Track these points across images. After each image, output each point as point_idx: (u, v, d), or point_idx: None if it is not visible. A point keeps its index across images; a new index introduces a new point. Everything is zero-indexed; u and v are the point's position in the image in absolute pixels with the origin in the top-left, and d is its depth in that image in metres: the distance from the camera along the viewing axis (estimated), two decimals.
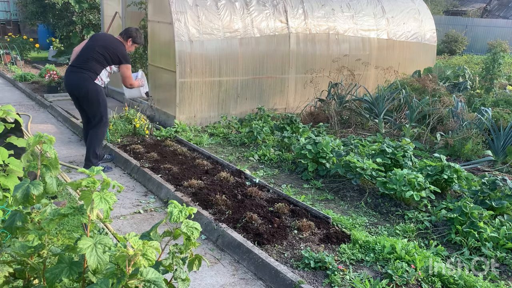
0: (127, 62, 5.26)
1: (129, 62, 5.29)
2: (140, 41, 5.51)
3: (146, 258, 1.72)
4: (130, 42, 5.40)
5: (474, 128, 6.45)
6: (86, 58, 5.17)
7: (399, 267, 3.30)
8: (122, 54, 5.21)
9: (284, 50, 7.98)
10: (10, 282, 1.99)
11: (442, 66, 10.35)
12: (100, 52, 5.14)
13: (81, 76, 5.13)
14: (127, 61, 5.26)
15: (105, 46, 5.16)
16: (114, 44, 5.23)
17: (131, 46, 5.46)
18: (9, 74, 11.64)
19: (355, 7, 9.09)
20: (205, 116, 7.41)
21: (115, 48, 5.20)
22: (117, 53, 5.18)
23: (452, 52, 18.63)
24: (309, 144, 5.32)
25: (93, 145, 5.35)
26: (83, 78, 5.12)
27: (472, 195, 4.51)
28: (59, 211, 1.86)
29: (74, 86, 5.21)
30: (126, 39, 5.38)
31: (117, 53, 5.18)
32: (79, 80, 5.15)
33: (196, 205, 4.38)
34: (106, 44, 5.19)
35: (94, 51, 5.15)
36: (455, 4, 28.35)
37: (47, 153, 2.07)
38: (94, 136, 5.35)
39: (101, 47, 5.16)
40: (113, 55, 5.18)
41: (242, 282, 3.38)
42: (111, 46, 5.19)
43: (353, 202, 4.71)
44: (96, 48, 5.16)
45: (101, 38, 5.35)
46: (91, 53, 5.15)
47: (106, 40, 5.27)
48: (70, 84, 5.26)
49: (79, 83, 5.15)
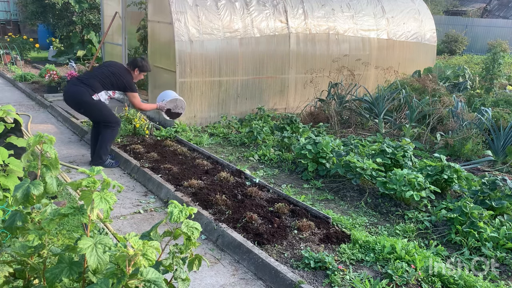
0: (132, 90, 5.61)
1: (134, 90, 5.66)
2: (147, 68, 5.85)
3: (146, 258, 1.72)
4: (137, 72, 5.74)
5: (474, 128, 6.45)
6: (92, 76, 5.54)
7: (399, 267, 3.30)
8: (128, 83, 5.58)
9: (284, 50, 7.98)
10: (10, 282, 1.99)
11: (442, 66, 10.35)
12: (109, 77, 5.50)
13: (78, 89, 5.42)
14: (132, 89, 5.61)
15: (114, 73, 5.54)
16: (123, 73, 5.62)
17: (139, 75, 5.80)
18: (9, 74, 11.64)
19: (355, 7, 9.09)
20: (205, 116, 7.41)
21: (123, 76, 5.56)
22: (123, 82, 5.55)
23: (452, 52, 18.63)
24: (309, 144, 5.32)
25: (105, 142, 5.56)
26: (80, 91, 5.40)
27: (472, 195, 4.51)
28: (59, 211, 1.86)
29: (70, 98, 5.53)
30: (133, 69, 5.73)
31: (123, 81, 5.55)
32: (74, 93, 5.45)
33: (196, 205, 4.38)
34: (116, 71, 5.57)
35: (103, 74, 5.51)
36: (455, 4, 28.35)
37: (47, 153, 2.07)
38: (106, 135, 5.56)
39: (111, 73, 5.53)
40: (119, 82, 5.54)
41: (242, 282, 3.38)
42: (119, 73, 5.56)
43: (353, 202, 4.71)
44: (105, 72, 5.53)
45: (113, 65, 5.74)
46: (99, 75, 5.50)
47: (116, 68, 5.65)
48: (67, 96, 5.58)
49: (75, 96, 5.45)
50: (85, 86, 5.39)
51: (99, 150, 5.54)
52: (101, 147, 5.54)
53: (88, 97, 5.39)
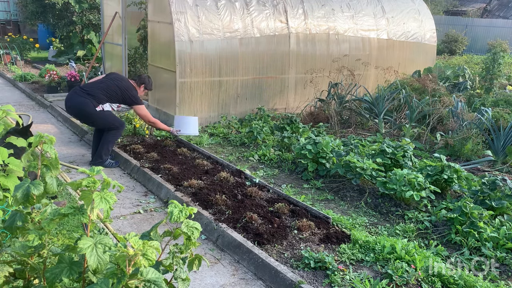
0: (138, 103, 5.68)
1: (140, 103, 5.71)
2: (151, 87, 6.07)
3: (146, 258, 1.72)
4: (142, 88, 5.92)
5: (474, 128, 6.45)
6: (97, 88, 5.51)
7: (399, 267, 3.30)
8: (134, 97, 5.66)
9: (284, 50, 7.98)
10: (10, 282, 1.99)
11: (442, 66, 10.35)
12: (114, 90, 5.53)
13: (82, 100, 5.40)
14: (138, 103, 5.68)
15: (120, 87, 5.58)
16: (129, 88, 5.67)
17: (143, 92, 5.96)
18: (9, 74, 11.64)
19: (355, 7, 9.09)
20: (205, 116, 7.41)
21: (129, 91, 5.63)
22: (130, 96, 5.62)
23: (452, 52, 18.62)
24: (309, 144, 5.32)
25: (107, 142, 5.58)
26: (84, 103, 5.39)
27: (472, 195, 4.51)
28: (60, 211, 1.86)
29: (73, 109, 5.54)
30: (139, 85, 5.87)
31: (130, 96, 5.62)
32: (78, 104, 5.44)
33: (196, 205, 4.38)
34: (122, 86, 5.61)
35: (108, 87, 5.52)
36: (455, 4, 28.35)
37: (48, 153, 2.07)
38: (109, 136, 5.58)
39: (117, 87, 5.56)
40: (126, 96, 5.60)
41: (242, 282, 3.38)
42: (125, 88, 5.61)
43: (353, 202, 4.71)
44: (111, 86, 5.55)
45: (118, 79, 5.74)
46: (105, 87, 5.51)
47: (123, 82, 5.69)
48: (70, 107, 5.56)
49: (78, 107, 5.45)
50: (89, 97, 5.39)
51: (101, 150, 5.55)
52: (103, 147, 5.55)
53: (92, 109, 5.38)
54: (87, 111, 5.39)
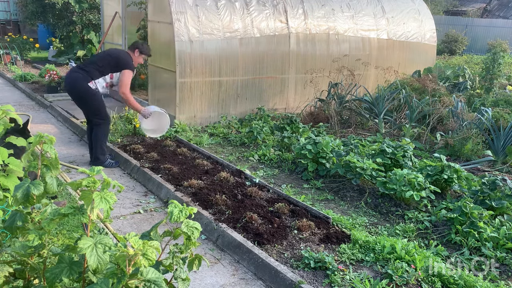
0: (128, 68, 5.49)
1: (130, 68, 5.52)
2: (147, 51, 5.78)
3: (146, 258, 1.72)
4: (137, 53, 5.67)
5: (474, 128, 6.45)
6: (90, 62, 5.63)
7: (399, 267, 3.30)
8: (125, 60, 5.51)
9: (284, 50, 7.98)
10: (10, 282, 1.99)
11: (442, 66, 10.35)
12: (107, 58, 5.52)
13: (76, 75, 5.44)
14: (129, 67, 5.49)
15: (110, 54, 5.60)
16: (121, 52, 5.66)
17: (139, 57, 5.71)
18: (9, 74, 11.63)
19: (355, 7, 9.09)
20: (205, 116, 7.41)
21: (121, 55, 5.56)
22: (121, 59, 5.48)
23: (452, 52, 18.62)
24: (309, 144, 5.32)
25: (99, 141, 5.58)
26: (77, 77, 5.42)
27: (472, 195, 4.51)
28: (60, 211, 1.86)
29: (68, 85, 5.54)
30: (133, 50, 5.70)
31: (121, 58, 5.49)
32: (73, 80, 5.46)
33: (196, 205, 4.38)
34: (113, 52, 5.66)
35: (100, 58, 5.60)
36: (455, 4, 28.35)
37: (48, 153, 2.07)
38: (98, 133, 5.57)
39: (108, 55, 5.59)
40: (117, 60, 5.47)
41: (242, 282, 3.38)
42: (117, 53, 5.60)
43: (353, 202, 4.71)
44: (102, 55, 5.64)
45: (112, 49, 5.83)
46: (97, 60, 5.56)
47: (115, 50, 5.78)
48: (66, 83, 5.60)
49: (72, 82, 5.46)
50: (83, 72, 5.42)
51: (96, 152, 5.57)
52: (96, 148, 5.57)
53: (85, 83, 5.37)
54: (80, 85, 5.37)
